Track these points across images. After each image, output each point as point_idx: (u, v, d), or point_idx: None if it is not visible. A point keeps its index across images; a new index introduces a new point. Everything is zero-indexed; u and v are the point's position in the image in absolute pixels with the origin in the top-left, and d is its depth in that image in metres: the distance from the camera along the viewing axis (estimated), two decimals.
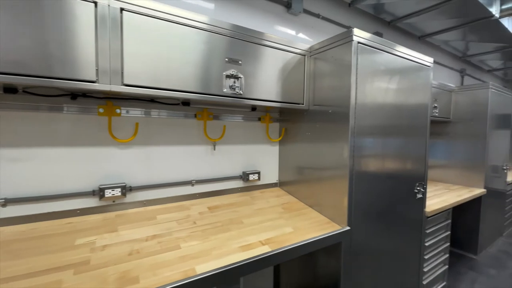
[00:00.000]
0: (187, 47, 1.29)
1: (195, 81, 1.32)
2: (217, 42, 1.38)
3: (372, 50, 1.53)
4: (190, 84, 1.30)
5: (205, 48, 1.35)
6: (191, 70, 1.30)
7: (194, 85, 1.31)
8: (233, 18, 1.88)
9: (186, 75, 1.29)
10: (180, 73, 1.27)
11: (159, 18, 1.21)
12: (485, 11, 2.52)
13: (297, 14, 2.13)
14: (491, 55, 3.98)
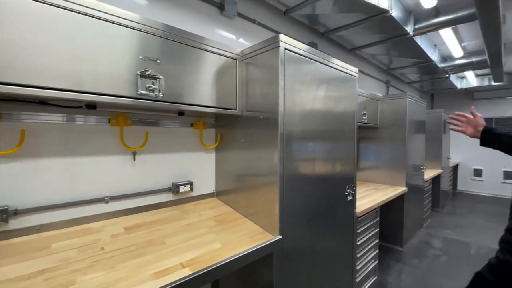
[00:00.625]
0: (82, 38, 1.09)
1: (95, 80, 1.12)
2: (128, 37, 1.21)
3: (300, 57, 1.55)
4: (89, 83, 1.10)
5: (112, 43, 1.16)
6: (88, 66, 1.10)
7: (93, 85, 1.11)
8: (164, 16, 1.72)
9: (82, 72, 1.08)
10: (73, 69, 1.06)
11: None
12: (402, 29, 2.85)
13: (232, 17, 2.07)
14: (410, 69, 4.58)
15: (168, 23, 1.71)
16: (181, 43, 1.40)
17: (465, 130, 1.43)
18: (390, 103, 3.37)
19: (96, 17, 1.12)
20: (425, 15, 3.00)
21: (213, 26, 2.00)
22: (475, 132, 1.38)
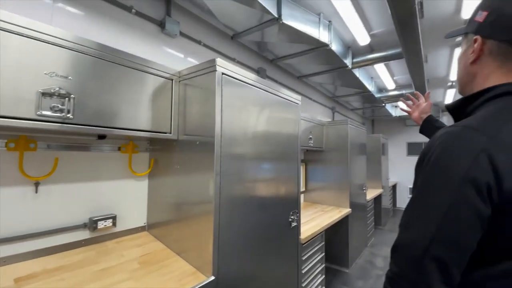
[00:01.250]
0: None
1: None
2: (28, 49, 1.02)
3: (239, 82, 1.51)
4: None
5: (4, 54, 0.95)
6: None
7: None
8: (100, 32, 1.55)
9: None
10: None
11: None
12: (342, 62, 3.10)
13: (174, 36, 1.98)
14: (352, 97, 5.02)
15: (105, 39, 1.60)
16: (103, 59, 1.24)
17: (412, 112, 1.37)
18: (334, 128, 3.57)
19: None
20: (361, 50, 3.34)
21: (153, 44, 1.88)
22: (419, 118, 1.33)
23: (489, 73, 0.59)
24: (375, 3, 2.37)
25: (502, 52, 0.57)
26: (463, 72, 0.67)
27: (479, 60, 0.61)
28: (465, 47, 0.67)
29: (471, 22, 0.64)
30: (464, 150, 0.48)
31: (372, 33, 2.95)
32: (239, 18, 2.17)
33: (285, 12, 2.15)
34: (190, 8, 2.04)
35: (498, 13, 0.56)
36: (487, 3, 0.60)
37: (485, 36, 0.59)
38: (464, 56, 0.67)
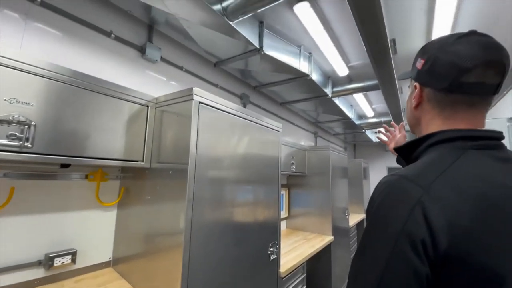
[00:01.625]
0: None
1: None
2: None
3: (217, 111, 1.49)
4: None
5: None
6: None
7: None
8: (77, 57, 1.51)
9: None
10: None
11: None
12: (322, 91, 3.21)
13: (154, 61, 1.98)
14: (334, 123, 5.16)
15: (82, 63, 1.56)
16: (72, 85, 1.19)
17: (389, 143, 1.36)
18: (316, 153, 3.61)
19: None
20: (340, 80, 3.49)
21: (132, 69, 1.85)
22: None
23: (430, 118, 0.61)
24: (352, 38, 2.51)
25: (438, 100, 0.58)
26: (410, 115, 0.70)
27: (421, 106, 0.63)
28: (410, 91, 0.70)
29: (413, 68, 0.66)
30: (401, 201, 0.46)
31: (350, 65, 3.10)
32: (222, 46, 2.21)
33: (267, 43, 2.22)
34: (172, 34, 2.07)
35: (433, 62, 0.57)
36: (425, 51, 0.62)
37: (422, 83, 0.61)
38: (409, 99, 0.69)
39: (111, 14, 1.71)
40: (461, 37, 0.54)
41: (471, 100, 0.54)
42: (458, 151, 0.51)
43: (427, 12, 2.04)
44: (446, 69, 0.54)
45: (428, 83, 0.60)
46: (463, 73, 0.51)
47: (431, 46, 0.60)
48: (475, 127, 0.55)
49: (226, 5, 1.73)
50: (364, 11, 1.59)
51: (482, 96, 0.54)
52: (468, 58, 0.51)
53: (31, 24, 1.36)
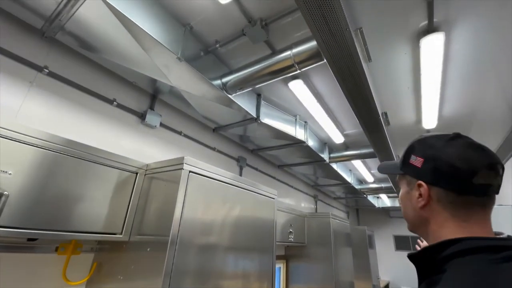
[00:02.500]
0: None
1: None
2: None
3: (208, 179, 1.45)
4: None
5: None
6: None
7: None
8: (75, 123, 1.57)
9: None
10: None
11: None
12: (319, 156, 3.22)
13: (153, 127, 2.03)
14: (334, 187, 5.04)
15: (80, 128, 1.59)
16: (57, 152, 1.16)
17: None
18: (316, 220, 3.39)
19: None
20: (337, 146, 3.54)
21: (130, 134, 1.89)
22: None
23: (443, 221, 0.57)
24: (345, 110, 2.64)
25: (451, 200, 0.55)
26: (414, 215, 0.63)
27: (429, 206, 0.58)
28: (407, 188, 0.64)
29: (407, 165, 0.63)
30: None
31: (346, 133, 3.19)
32: (221, 114, 2.31)
33: (264, 112, 2.33)
34: (173, 103, 2.18)
35: (437, 161, 0.56)
36: (419, 149, 0.61)
37: (430, 182, 0.58)
38: (409, 197, 0.63)
39: (116, 83, 1.83)
40: (452, 140, 0.57)
41: (482, 201, 0.54)
42: (492, 266, 0.47)
43: (414, 91, 2.18)
44: (453, 170, 0.54)
45: (436, 182, 0.57)
46: (473, 175, 0.52)
47: (424, 145, 0.61)
48: (489, 232, 0.54)
49: (226, 81, 1.87)
50: (355, 90, 1.70)
51: (490, 196, 0.54)
52: (473, 161, 0.53)
53: (34, 90, 1.44)
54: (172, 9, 1.55)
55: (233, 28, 1.65)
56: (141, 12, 1.39)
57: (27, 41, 1.43)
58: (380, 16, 1.51)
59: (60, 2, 1.20)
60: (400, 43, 1.70)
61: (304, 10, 1.18)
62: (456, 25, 1.55)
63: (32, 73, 1.44)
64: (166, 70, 1.62)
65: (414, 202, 0.61)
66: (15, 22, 1.39)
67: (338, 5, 1.15)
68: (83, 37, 1.45)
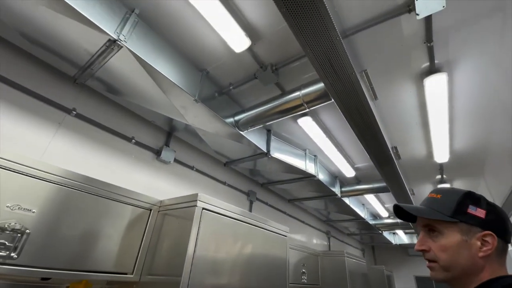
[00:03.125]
0: None
1: None
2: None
3: (220, 216, 1.45)
4: None
5: None
6: None
7: None
8: (96, 158, 1.65)
9: None
10: None
11: None
12: (330, 190, 3.17)
13: (168, 163, 2.10)
14: (348, 223, 4.84)
15: (100, 167, 1.68)
16: (80, 190, 1.22)
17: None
18: (330, 259, 3.20)
19: None
20: (349, 180, 3.49)
21: (146, 170, 1.95)
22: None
23: (497, 267, 0.63)
24: (354, 144, 2.66)
25: (501, 249, 0.64)
26: (469, 263, 0.64)
27: (489, 255, 0.63)
28: (462, 236, 0.64)
29: (465, 214, 0.65)
30: None
31: (356, 166, 3.17)
32: (232, 149, 2.37)
33: (274, 146, 2.38)
34: (187, 139, 2.27)
35: (499, 215, 0.66)
36: (476, 201, 0.67)
37: (497, 234, 0.64)
38: (467, 246, 0.63)
39: (135, 122, 1.95)
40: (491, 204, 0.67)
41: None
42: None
43: (423, 126, 2.21)
44: (509, 223, 0.66)
45: (501, 233, 0.64)
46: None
47: (480, 198, 0.67)
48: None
49: (238, 118, 1.97)
50: (363, 127, 1.75)
51: None
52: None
53: (61, 131, 1.55)
54: (191, 57, 1.71)
55: (246, 72, 1.79)
56: (163, 60, 1.54)
57: (59, 86, 1.59)
58: (383, 59, 1.62)
59: (94, 54, 1.36)
60: (405, 83, 1.78)
61: (312, 57, 1.28)
62: (458, 64, 1.63)
63: (61, 115, 1.56)
64: (183, 110, 1.73)
65: (474, 251, 0.62)
66: (50, 69, 1.55)
67: (343, 52, 1.25)
68: (110, 83, 1.59)
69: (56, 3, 1.13)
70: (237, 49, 1.53)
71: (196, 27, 1.50)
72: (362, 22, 1.42)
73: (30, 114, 1.44)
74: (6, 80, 1.38)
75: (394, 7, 1.33)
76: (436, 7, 1.20)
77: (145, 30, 1.45)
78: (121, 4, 1.35)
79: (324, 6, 1.06)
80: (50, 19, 1.21)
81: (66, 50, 1.37)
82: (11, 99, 1.40)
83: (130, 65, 1.40)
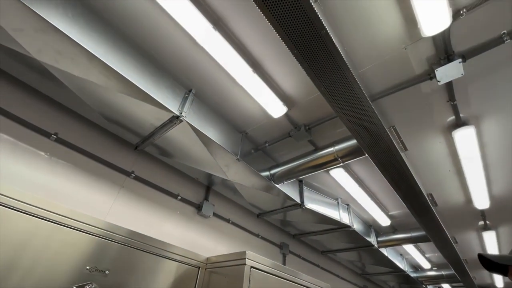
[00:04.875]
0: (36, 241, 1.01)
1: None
2: (83, 243, 1.15)
3: (266, 275, 1.46)
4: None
5: (62, 249, 1.07)
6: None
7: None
8: (147, 215, 1.81)
9: None
10: None
11: None
12: (366, 241, 3.04)
13: (207, 217, 2.20)
14: (385, 276, 4.44)
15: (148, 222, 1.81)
16: (141, 249, 1.33)
17: None
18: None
19: (52, 220, 1.11)
20: (384, 229, 3.34)
21: (188, 225, 2.06)
22: None
23: None
24: (388, 192, 2.65)
25: None
26: None
27: None
28: None
29: None
30: None
31: (391, 214, 3.08)
32: (266, 201, 2.45)
33: (306, 196, 2.43)
34: (224, 192, 2.40)
35: None
36: None
37: None
38: None
39: (180, 179, 2.13)
40: None
41: None
42: None
43: (457, 174, 2.21)
44: None
45: None
46: None
47: None
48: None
49: (274, 172, 2.10)
50: (397, 177, 1.80)
51: None
52: None
53: (123, 192, 1.73)
54: (233, 121, 1.94)
55: (281, 132, 1.98)
56: (211, 126, 1.77)
57: (122, 152, 1.84)
58: (409, 117, 1.76)
59: (157, 126, 1.61)
60: (433, 135, 1.88)
61: (345, 120, 1.44)
62: (484, 117, 1.73)
63: (122, 178, 1.77)
64: (226, 168, 1.90)
65: None
66: (114, 138, 1.82)
67: (373, 114, 1.40)
68: (165, 148, 1.82)
69: (131, 90, 1.42)
70: (275, 115, 1.75)
71: (242, 100, 1.76)
72: (387, 88, 1.61)
73: (95, 177, 1.66)
74: (85, 152, 1.64)
75: (414, 76, 1.52)
76: (455, 74, 1.36)
77: (199, 105, 1.72)
78: (181, 86, 1.65)
79: (356, 82, 1.25)
80: (127, 104, 1.49)
81: (135, 125, 1.64)
82: (87, 167, 1.64)
83: (187, 135, 1.63)
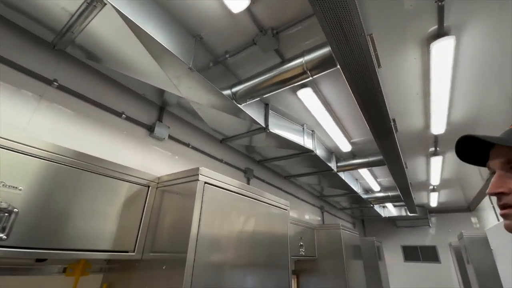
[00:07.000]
0: None
1: None
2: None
3: (222, 190, 1.39)
4: None
5: None
6: None
7: None
8: (83, 136, 1.51)
9: None
10: None
11: None
12: (326, 165, 3.17)
13: (161, 139, 1.99)
14: (341, 197, 4.95)
15: (90, 142, 1.56)
16: (69, 165, 1.11)
17: None
18: (325, 232, 3.29)
19: None
20: (344, 155, 3.50)
21: (139, 147, 1.84)
22: None
23: None
24: (352, 117, 2.62)
25: None
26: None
27: None
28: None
29: None
30: None
31: (353, 141, 3.16)
32: (229, 125, 2.28)
33: (272, 121, 2.30)
34: (182, 114, 2.15)
35: None
36: None
37: None
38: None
39: (124, 96, 1.80)
40: None
41: None
42: None
43: (423, 96, 2.18)
44: None
45: None
46: None
47: None
48: None
49: (236, 90, 1.85)
50: (367, 96, 1.68)
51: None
52: None
53: (43, 104, 1.40)
54: (183, 20, 1.55)
55: (243, 38, 1.65)
56: (152, 22, 1.38)
57: (36, 54, 1.41)
58: (391, 22, 1.52)
59: (73, 14, 1.19)
60: (410, 48, 1.71)
61: (320, 16, 1.17)
62: (467, 28, 1.56)
63: (41, 86, 1.41)
64: (177, 81, 1.60)
65: None
66: (25, 35, 1.37)
67: (354, 9, 1.15)
68: (91, 49, 1.43)
69: None
70: (235, 9, 1.39)
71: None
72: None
73: (5, 85, 1.28)
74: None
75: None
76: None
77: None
78: None
79: None
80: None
81: (41, 11, 1.19)
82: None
83: (116, 28, 1.24)
